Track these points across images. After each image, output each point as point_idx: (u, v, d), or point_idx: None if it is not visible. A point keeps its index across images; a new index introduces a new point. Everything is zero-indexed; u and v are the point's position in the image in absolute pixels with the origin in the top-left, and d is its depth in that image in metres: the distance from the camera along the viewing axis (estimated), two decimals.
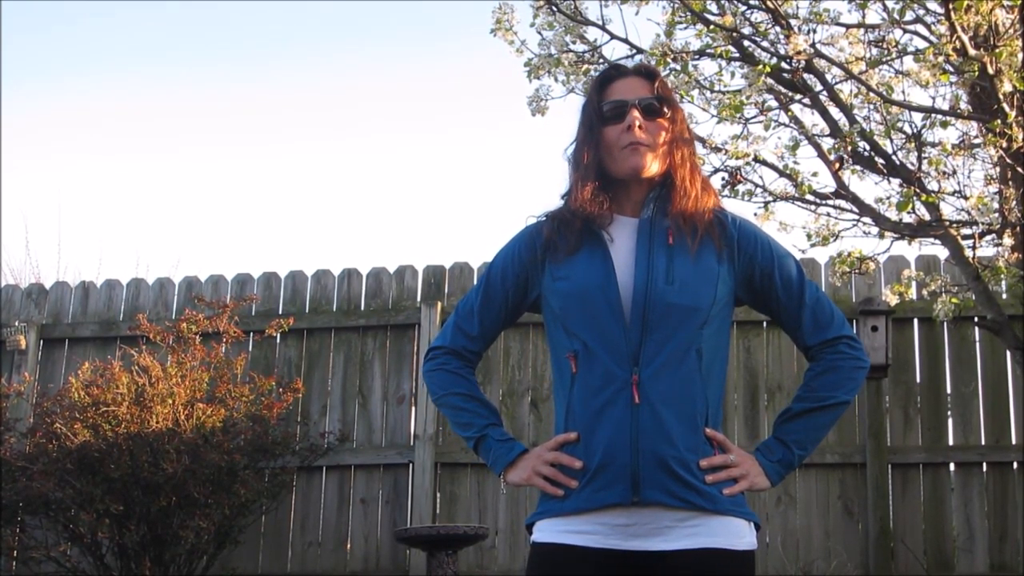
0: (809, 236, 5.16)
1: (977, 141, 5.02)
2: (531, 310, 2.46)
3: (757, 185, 5.00)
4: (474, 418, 2.40)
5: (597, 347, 2.25)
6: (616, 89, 2.39)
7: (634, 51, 4.88)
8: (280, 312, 7.32)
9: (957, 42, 4.32)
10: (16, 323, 7.41)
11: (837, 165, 4.92)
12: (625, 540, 2.21)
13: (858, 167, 4.99)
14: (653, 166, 2.35)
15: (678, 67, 4.72)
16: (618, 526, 2.21)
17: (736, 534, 2.24)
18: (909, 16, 4.70)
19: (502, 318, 2.46)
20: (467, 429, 2.40)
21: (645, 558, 2.21)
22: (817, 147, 5.02)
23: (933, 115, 4.73)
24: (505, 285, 2.43)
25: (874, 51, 4.96)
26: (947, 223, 4.83)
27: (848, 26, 4.86)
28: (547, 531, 2.27)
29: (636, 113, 2.34)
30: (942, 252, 5.60)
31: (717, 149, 4.86)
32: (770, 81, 4.76)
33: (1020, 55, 4.45)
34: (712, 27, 4.57)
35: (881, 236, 5.02)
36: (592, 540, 2.22)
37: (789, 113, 5.12)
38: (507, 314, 2.46)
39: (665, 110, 2.37)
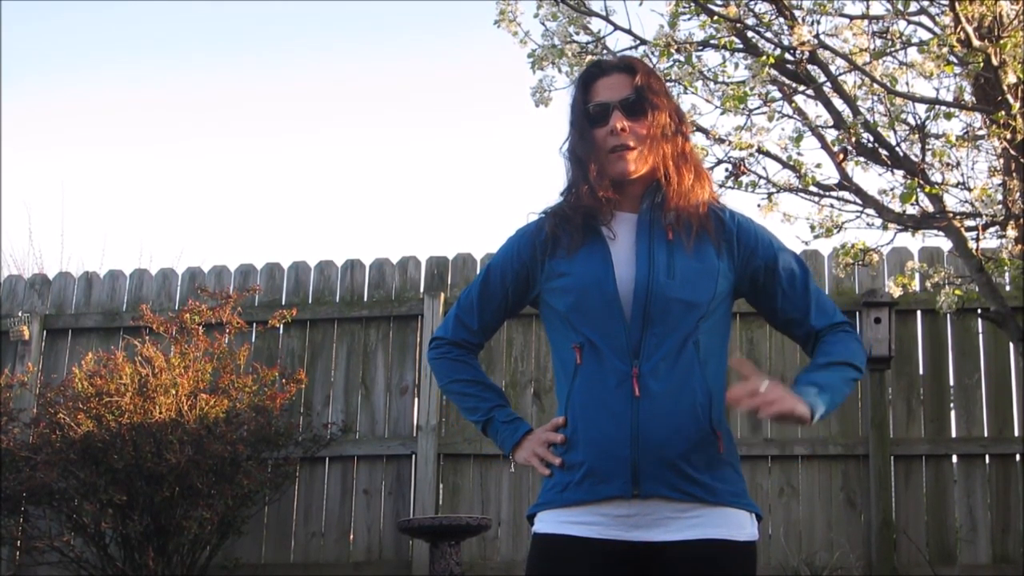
0: (812, 228, 5.15)
1: (981, 133, 5.02)
2: (532, 305, 2.47)
3: (761, 176, 5.00)
4: (479, 402, 2.44)
5: (599, 342, 2.26)
6: (599, 89, 2.38)
7: (638, 42, 4.87)
8: (283, 303, 7.32)
9: (961, 33, 4.31)
10: (20, 313, 7.41)
11: (841, 156, 4.91)
12: (626, 531, 2.22)
13: (862, 159, 4.98)
14: (640, 166, 2.35)
15: (682, 58, 4.71)
16: (619, 517, 2.22)
17: (737, 525, 2.24)
18: (913, 7, 4.69)
19: (502, 313, 2.49)
20: (473, 413, 2.45)
21: (646, 549, 2.21)
22: (821, 138, 5.01)
23: (937, 106, 4.72)
24: (505, 283, 2.44)
25: (878, 42, 4.95)
26: (951, 215, 4.83)
27: (852, 17, 4.86)
28: (548, 522, 2.28)
29: (618, 115, 2.33)
30: (945, 244, 5.59)
31: (721, 140, 4.85)
32: (774, 72, 4.75)
33: None
34: (716, 18, 4.56)
35: (885, 228, 5.02)
36: (593, 531, 2.23)
37: (793, 104, 5.11)
38: (507, 310, 2.49)
39: (648, 106, 2.35)
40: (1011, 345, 6.41)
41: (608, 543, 2.22)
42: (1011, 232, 4.79)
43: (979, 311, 6.30)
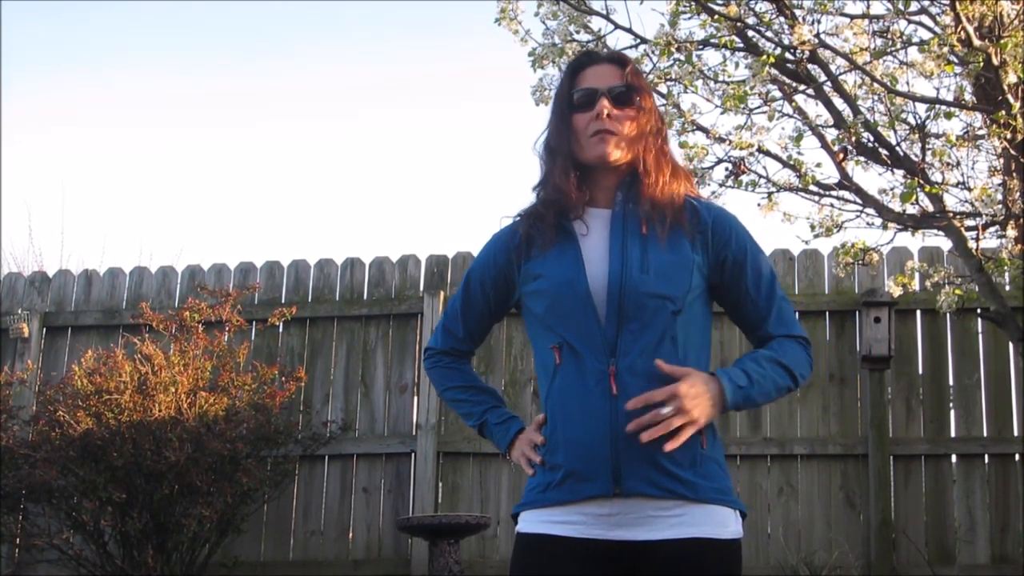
0: (812, 227, 5.15)
1: (981, 132, 5.02)
2: (515, 307, 2.47)
3: (761, 176, 5.00)
4: (473, 407, 2.47)
5: (575, 341, 2.25)
6: (587, 76, 2.39)
7: (638, 41, 4.88)
8: (283, 301, 7.31)
9: (962, 32, 4.31)
10: (19, 311, 7.41)
11: (841, 156, 4.91)
12: (608, 530, 2.21)
13: (862, 158, 4.99)
14: (620, 154, 2.35)
15: (682, 57, 4.72)
16: (601, 516, 2.21)
17: (721, 523, 2.22)
18: (914, 7, 4.70)
19: (487, 319, 2.51)
20: (469, 418, 2.49)
21: (629, 548, 2.20)
22: (821, 138, 5.01)
23: (937, 106, 4.72)
24: (484, 290, 2.46)
25: (878, 42, 4.95)
26: (951, 215, 4.83)
27: (853, 16, 4.86)
28: (531, 521, 2.28)
29: (605, 101, 2.34)
30: (945, 244, 5.59)
31: (721, 139, 4.86)
32: (774, 71, 4.76)
33: None
34: (716, 17, 4.57)
35: (884, 227, 5.02)
36: (575, 530, 2.22)
37: (793, 104, 5.12)
38: (491, 315, 2.51)
39: (635, 99, 2.36)
40: (1011, 345, 6.41)
41: (590, 542, 2.21)
42: (1011, 232, 4.79)
43: (979, 311, 6.30)
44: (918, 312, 6.82)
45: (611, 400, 2.21)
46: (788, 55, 4.72)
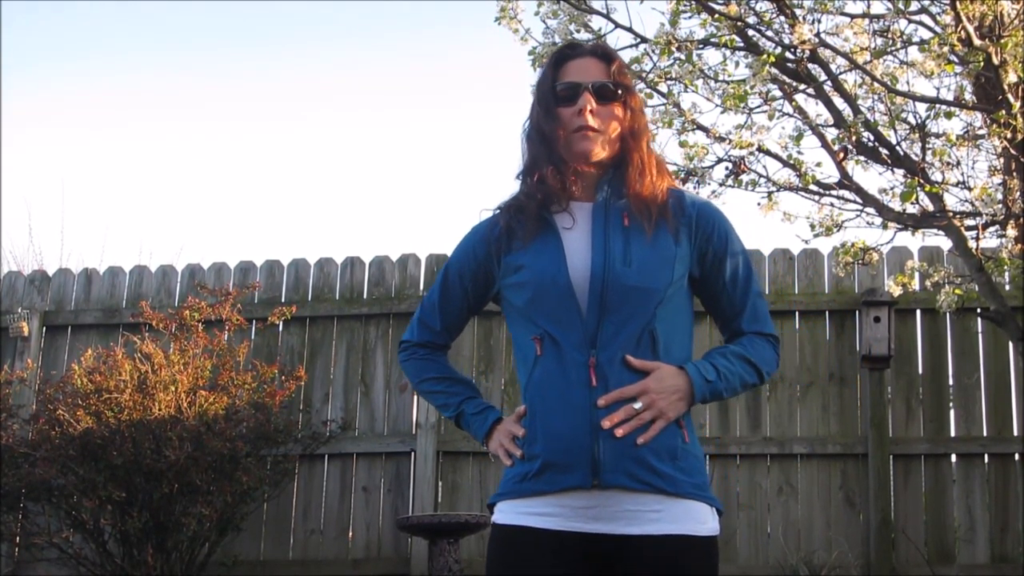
0: (812, 226, 5.16)
1: (981, 132, 5.02)
2: (494, 301, 2.47)
3: (761, 175, 5.00)
4: (449, 398, 2.46)
5: (556, 334, 2.25)
6: (571, 69, 2.37)
7: (638, 40, 4.88)
8: (283, 300, 7.32)
9: (962, 32, 4.31)
10: (19, 310, 7.41)
11: (841, 155, 4.91)
12: (587, 523, 2.20)
13: (862, 157, 4.99)
14: (602, 151, 2.34)
15: (682, 56, 4.72)
16: (579, 508, 2.20)
17: (698, 519, 2.22)
18: (914, 6, 4.70)
19: (465, 313, 2.50)
20: (445, 410, 2.47)
21: (607, 541, 2.19)
22: (821, 137, 5.02)
23: (937, 106, 4.72)
24: (463, 283, 2.45)
25: (879, 41, 4.95)
26: (951, 214, 4.83)
27: (853, 16, 4.86)
28: (508, 512, 2.27)
29: (588, 97, 2.33)
30: (945, 243, 5.59)
31: (721, 139, 4.86)
32: (774, 71, 4.76)
33: None
34: (717, 16, 4.57)
35: (884, 227, 5.02)
36: (552, 522, 2.21)
37: (793, 103, 5.12)
38: (470, 309, 2.49)
39: (619, 95, 2.35)
40: (1011, 345, 6.41)
41: (568, 535, 2.20)
42: (1011, 231, 4.80)
43: (979, 311, 6.30)
44: (918, 312, 6.81)
45: (591, 391, 2.20)
46: (788, 54, 4.72)
